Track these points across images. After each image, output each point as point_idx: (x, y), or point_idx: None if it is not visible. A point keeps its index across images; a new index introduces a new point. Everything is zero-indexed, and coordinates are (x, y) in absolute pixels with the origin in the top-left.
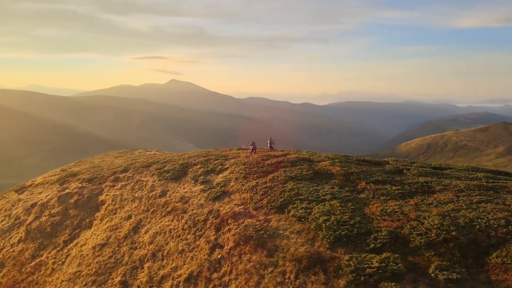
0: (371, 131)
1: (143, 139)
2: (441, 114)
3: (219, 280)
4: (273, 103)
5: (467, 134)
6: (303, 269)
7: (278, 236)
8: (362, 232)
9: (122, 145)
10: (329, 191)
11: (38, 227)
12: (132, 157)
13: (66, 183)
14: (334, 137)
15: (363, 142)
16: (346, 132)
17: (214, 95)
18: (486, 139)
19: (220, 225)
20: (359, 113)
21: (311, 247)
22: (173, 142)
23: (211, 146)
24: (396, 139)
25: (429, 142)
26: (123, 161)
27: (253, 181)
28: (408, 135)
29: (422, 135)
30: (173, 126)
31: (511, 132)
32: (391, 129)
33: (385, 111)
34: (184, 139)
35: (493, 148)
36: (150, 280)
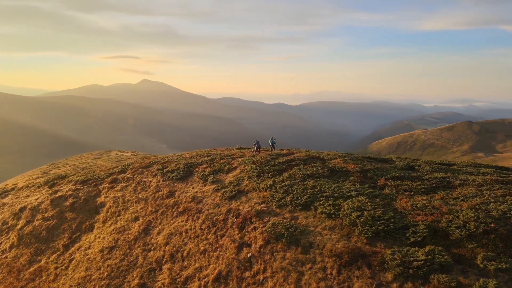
0: (343, 131)
1: (114, 140)
2: (409, 114)
3: (253, 279)
4: (246, 103)
5: (434, 133)
6: (345, 264)
7: (310, 233)
8: (399, 227)
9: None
10: (352, 187)
11: (31, 232)
12: (112, 158)
13: (57, 185)
14: (307, 137)
15: (335, 142)
16: (319, 131)
17: (187, 96)
18: (452, 137)
19: (243, 224)
20: (330, 113)
21: (348, 242)
22: (145, 143)
23: (185, 147)
24: (367, 138)
25: (399, 141)
26: (108, 162)
27: (269, 180)
28: (378, 134)
29: (392, 134)
30: (145, 127)
31: (475, 131)
32: (362, 128)
33: (355, 111)
34: (156, 140)
35: (458, 146)
36: (173, 281)
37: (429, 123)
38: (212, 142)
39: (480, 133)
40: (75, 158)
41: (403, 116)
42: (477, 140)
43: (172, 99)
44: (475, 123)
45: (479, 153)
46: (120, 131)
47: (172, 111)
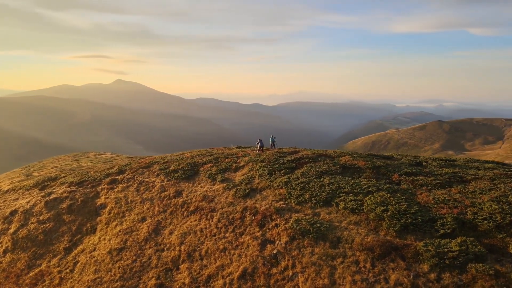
0: (319, 130)
1: (88, 142)
2: (382, 114)
3: (281, 274)
4: (223, 104)
5: (407, 132)
6: (378, 257)
7: (336, 228)
8: (426, 220)
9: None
10: (370, 183)
11: (27, 236)
12: (93, 160)
13: (48, 187)
14: (285, 137)
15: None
16: (296, 131)
17: (162, 96)
18: (424, 136)
19: (263, 221)
20: (307, 113)
21: (378, 236)
22: (120, 144)
23: (162, 148)
24: (342, 138)
25: (374, 140)
26: (95, 163)
27: (282, 177)
28: (353, 133)
29: (366, 133)
30: (120, 128)
31: (445, 130)
32: (337, 128)
33: (331, 111)
34: (132, 141)
35: (430, 145)
36: (194, 280)
37: (401, 122)
38: (189, 143)
39: (450, 132)
40: (51, 160)
41: (376, 116)
42: (448, 139)
43: (147, 100)
44: (446, 123)
45: (450, 152)
46: (94, 132)
47: (147, 111)
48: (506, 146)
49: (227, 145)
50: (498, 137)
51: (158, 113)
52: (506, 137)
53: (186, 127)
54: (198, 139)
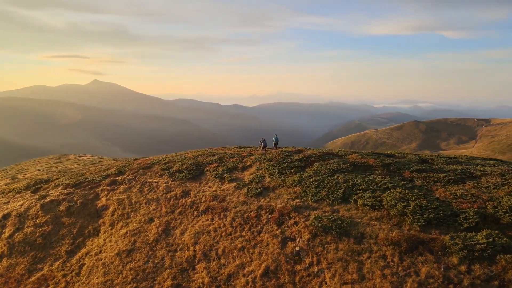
0: (299, 131)
1: (63, 144)
2: (360, 114)
3: (306, 271)
4: (202, 105)
5: (385, 132)
6: (405, 251)
7: (358, 224)
8: (448, 214)
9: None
10: (385, 180)
11: (24, 240)
12: (77, 162)
13: (41, 190)
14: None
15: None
16: (276, 132)
17: (141, 97)
18: (401, 136)
19: (281, 219)
20: (287, 113)
21: (402, 231)
22: (97, 146)
23: (141, 150)
24: (322, 138)
25: (353, 140)
26: (79, 165)
27: (294, 176)
28: (333, 134)
29: (345, 134)
30: (97, 130)
31: (422, 130)
32: (317, 128)
33: (311, 111)
34: (110, 143)
35: (407, 145)
36: (214, 279)
37: (379, 123)
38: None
39: (426, 132)
40: (29, 163)
41: (355, 116)
42: (424, 138)
43: (125, 101)
44: (422, 123)
45: (426, 151)
46: (70, 134)
47: (125, 112)
48: (479, 145)
49: (209, 146)
50: (471, 136)
51: (136, 114)
52: (479, 137)
53: (166, 128)
54: (178, 140)
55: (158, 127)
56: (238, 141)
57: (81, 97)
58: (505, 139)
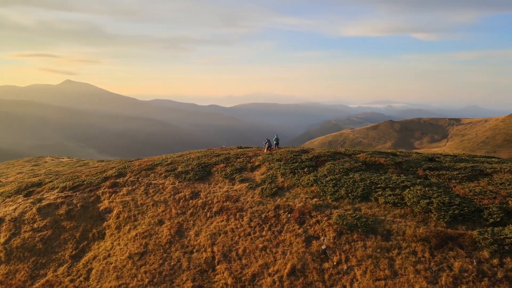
0: (277, 131)
1: (35, 146)
2: (336, 114)
3: (335, 269)
4: (179, 105)
5: (361, 132)
6: (435, 247)
7: (383, 222)
8: (472, 210)
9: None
10: (402, 178)
11: (23, 245)
12: (54, 164)
13: (35, 193)
14: (242, 138)
15: None
16: (253, 132)
17: (117, 97)
18: (377, 136)
19: (301, 219)
20: (264, 114)
21: (428, 227)
22: (71, 148)
23: (117, 151)
24: (300, 138)
25: (330, 140)
26: (64, 167)
27: (308, 175)
28: (310, 134)
29: (322, 134)
30: (70, 131)
31: (396, 129)
32: (295, 129)
33: (288, 112)
34: (84, 144)
35: (383, 144)
36: (238, 280)
37: (355, 123)
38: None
39: (401, 131)
40: (3, 166)
41: (331, 116)
42: (398, 137)
43: (99, 101)
44: (396, 122)
45: (401, 150)
46: (42, 136)
47: (100, 113)
48: (450, 144)
49: (187, 147)
50: (443, 135)
51: (111, 115)
52: (450, 135)
53: (142, 129)
54: (155, 141)
55: (134, 128)
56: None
57: (53, 98)
58: (474, 137)
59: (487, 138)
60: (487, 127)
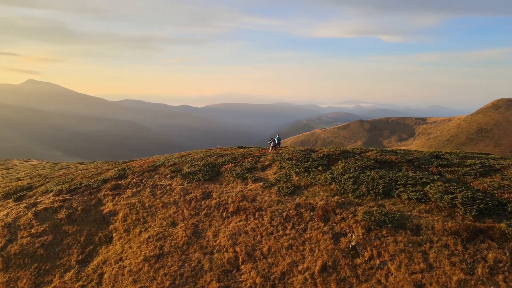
0: (249, 131)
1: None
2: (307, 114)
3: (367, 264)
4: (150, 106)
5: (332, 131)
6: (466, 240)
7: (410, 217)
8: (496, 204)
9: None
10: (419, 175)
11: (22, 252)
12: (26, 167)
13: (26, 198)
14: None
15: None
16: (225, 132)
17: (83, 98)
18: (347, 135)
19: (325, 216)
20: (236, 114)
21: (456, 221)
22: (36, 150)
23: (85, 153)
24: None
25: (302, 139)
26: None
27: (325, 174)
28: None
29: (293, 133)
30: (33, 133)
31: (366, 128)
32: (266, 128)
33: (259, 112)
34: (49, 146)
35: (353, 143)
36: (267, 279)
37: (325, 122)
38: (116, 147)
39: (370, 130)
40: None
41: (302, 116)
42: (368, 136)
43: (65, 102)
44: (366, 122)
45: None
46: (3, 137)
47: (65, 114)
48: (417, 142)
49: (158, 147)
50: (410, 134)
51: (78, 116)
52: (417, 134)
53: (111, 130)
54: (125, 143)
55: (103, 129)
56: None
57: (14, 98)
58: (439, 136)
59: (451, 136)
60: (450, 126)
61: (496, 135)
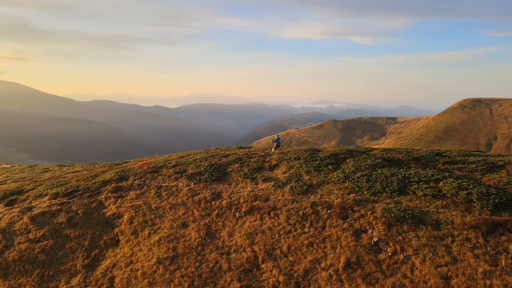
0: (223, 132)
1: None
2: (281, 114)
3: (392, 259)
4: (122, 106)
5: (307, 131)
6: (486, 233)
7: (428, 213)
8: (509, 198)
9: None
10: (430, 172)
11: (21, 258)
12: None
13: (18, 202)
14: (188, 139)
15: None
16: (199, 133)
17: (50, 98)
18: (321, 134)
19: (344, 214)
20: (210, 114)
21: (474, 216)
22: (0, 153)
23: (54, 156)
24: (246, 138)
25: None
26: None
27: (336, 172)
28: (256, 134)
29: (268, 134)
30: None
31: (339, 128)
32: (240, 129)
33: (233, 112)
34: (14, 149)
35: (327, 142)
36: (290, 276)
37: (299, 122)
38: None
39: (344, 130)
40: None
41: (276, 116)
42: (342, 136)
43: (30, 102)
44: (339, 122)
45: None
46: None
47: (31, 115)
48: (388, 141)
49: (131, 148)
50: (382, 133)
51: (45, 117)
52: (388, 133)
53: (81, 131)
54: (96, 144)
55: (73, 130)
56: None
57: None
58: (410, 135)
59: (420, 135)
60: (420, 125)
61: (462, 133)
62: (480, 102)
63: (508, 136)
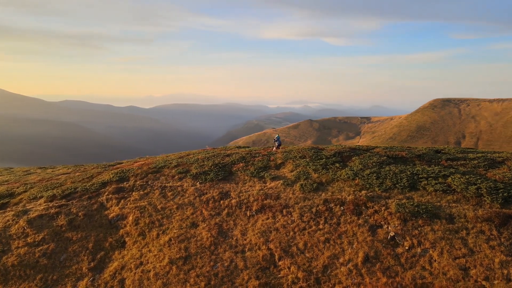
0: (199, 132)
1: None
2: (257, 114)
3: (409, 253)
4: (94, 107)
5: (283, 131)
6: (499, 225)
7: (441, 207)
8: None
9: None
10: (437, 168)
11: (21, 262)
12: None
13: (12, 205)
14: (164, 140)
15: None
16: (175, 134)
17: (17, 98)
18: (298, 134)
19: (357, 210)
20: (185, 115)
21: (485, 209)
22: None
23: (22, 158)
24: (223, 139)
25: (254, 139)
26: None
27: (345, 170)
28: (232, 134)
29: (244, 134)
30: None
31: (315, 128)
32: (217, 129)
33: (209, 112)
34: None
35: (303, 142)
36: (309, 272)
37: (275, 122)
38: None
39: (319, 129)
40: None
41: (252, 116)
42: (318, 136)
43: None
44: (315, 121)
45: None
46: None
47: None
48: (362, 140)
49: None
50: (356, 133)
51: (11, 118)
52: (363, 133)
53: (51, 132)
54: (68, 146)
55: (42, 131)
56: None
57: None
58: (383, 134)
59: (394, 134)
60: (393, 125)
61: (433, 132)
62: (449, 102)
63: (475, 134)
